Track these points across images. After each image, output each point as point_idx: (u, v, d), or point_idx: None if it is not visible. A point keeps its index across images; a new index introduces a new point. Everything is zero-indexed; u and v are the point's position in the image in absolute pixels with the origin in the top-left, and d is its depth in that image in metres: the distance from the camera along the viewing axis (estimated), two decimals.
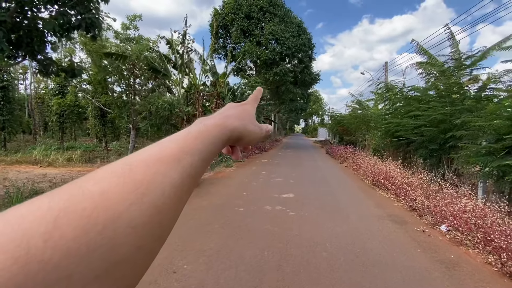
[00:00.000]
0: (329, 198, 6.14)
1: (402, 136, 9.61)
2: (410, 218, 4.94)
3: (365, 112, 17.05)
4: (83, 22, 5.62)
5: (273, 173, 9.18)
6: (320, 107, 68.66)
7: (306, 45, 21.06)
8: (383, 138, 13.05)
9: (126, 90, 9.48)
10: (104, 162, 10.37)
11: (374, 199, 6.16)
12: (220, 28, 22.20)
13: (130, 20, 10.58)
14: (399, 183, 6.25)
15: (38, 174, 8.36)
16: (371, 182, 7.75)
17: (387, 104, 13.31)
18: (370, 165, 8.72)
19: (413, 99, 9.82)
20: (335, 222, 4.53)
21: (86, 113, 15.03)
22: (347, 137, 20.36)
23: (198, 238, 3.74)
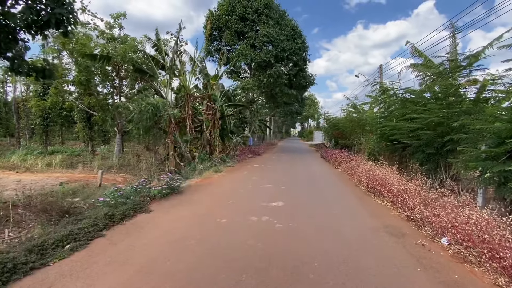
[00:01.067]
0: (321, 207, 5.71)
1: (398, 139, 9.25)
2: (408, 229, 4.53)
3: (360, 115, 16.78)
4: (52, 17, 5.17)
5: (264, 179, 8.74)
6: (315, 111, 68.57)
7: (300, 48, 20.81)
8: (379, 141, 12.72)
9: (110, 91, 9.01)
10: (87, 167, 9.85)
11: (369, 208, 5.75)
12: (214, 31, 21.87)
13: (115, 18, 10.16)
14: (395, 190, 5.85)
15: (12, 180, 7.81)
16: (366, 188, 7.35)
17: (382, 107, 13.01)
18: (365, 170, 8.34)
19: (409, 102, 9.49)
20: (326, 236, 4.10)
21: (72, 116, 14.49)
22: (342, 140, 20.05)
23: (169, 256, 3.28)
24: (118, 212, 4.58)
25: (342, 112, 24.66)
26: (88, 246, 3.58)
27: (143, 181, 6.68)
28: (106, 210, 4.59)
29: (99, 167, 10.06)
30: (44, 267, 3.03)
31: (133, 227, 4.29)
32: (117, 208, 4.89)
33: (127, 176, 9.51)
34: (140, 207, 5.07)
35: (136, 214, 4.87)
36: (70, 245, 3.51)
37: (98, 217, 4.31)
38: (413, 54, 11.88)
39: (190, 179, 8.69)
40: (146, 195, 5.72)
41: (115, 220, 4.39)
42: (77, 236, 3.68)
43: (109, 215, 4.40)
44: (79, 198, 6.73)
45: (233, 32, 20.52)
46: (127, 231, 4.09)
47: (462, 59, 7.94)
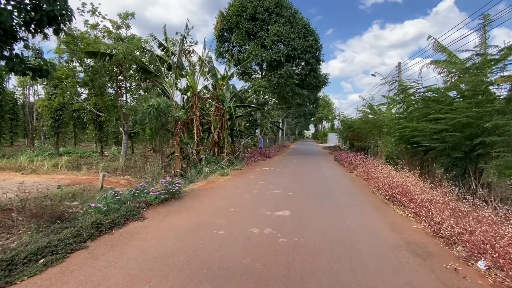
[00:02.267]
0: (332, 217, 5.11)
1: (419, 142, 8.46)
2: (436, 248, 3.86)
3: (377, 116, 15.89)
4: (44, 15, 4.92)
5: (272, 184, 8.20)
6: (330, 112, 67.07)
7: (313, 46, 20.12)
8: (397, 144, 11.86)
9: (115, 92, 8.81)
10: (91, 169, 9.69)
11: (388, 219, 5.09)
12: (225, 32, 21.64)
13: (122, 18, 9.99)
14: (418, 199, 5.15)
15: (15, 182, 7.71)
16: (384, 196, 6.65)
17: (401, 107, 12.14)
18: (383, 175, 7.62)
19: (431, 101, 8.66)
20: (337, 254, 3.52)
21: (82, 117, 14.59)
22: (358, 143, 19.18)
23: (152, 277, 2.83)
24: (107, 220, 4.20)
25: (357, 113, 23.73)
26: (65, 260, 3.19)
27: (142, 185, 6.34)
28: (94, 218, 4.22)
29: (105, 169, 9.89)
30: (9, 286, 2.65)
31: (121, 238, 3.88)
32: (108, 215, 4.53)
33: (132, 178, 9.26)
34: (133, 215, 4.68)
35: (128, 222, 4.48)
36: (44, 259, 3.14)
37: (84, 226, 3.94)
38: (436, 49, 11.01)
39: (194, 182, 8.29)
40: (142, 201, 5.34)
41: (103, 229, 4.01)
42: (55, 249, 3.31)
43: (96, 224, 4.02)
44: (77, 201, 6.48)
45: (243, 32, 20.17)
46: (113, 243, 3.69)
47: (495, 52, 7.06)
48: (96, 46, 8.28)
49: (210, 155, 10.89)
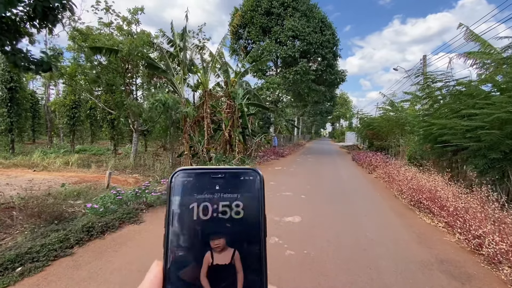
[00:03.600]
0: (349, 226, 4.52)
1: (449, 141, 7.61)
2: (475, 268, 3.20)
3: (399, 114, 14.88)
4: (38, 6, 4.69)
5: (284, 185, 7.67)
6: (348, 110, 65.05)
7: (330, 41, 19.25)
8: (421, 143, 10.93)
9: (122, 88, 8.65)
10: (102, 167, 9.62)
11: (414, 229, 4.43)
12: (239, 28, 21.24)
13: (132, 13, 9.80)
14: (451, 207, 4.45)
15: (25, 179, 7.71)
16: (408, 201, 5.94)
17: (426, 103, 11.18)
18: (407, 177, 6.87)
19: (464, 95, 7.76)
20: (355, 273, 2.96)
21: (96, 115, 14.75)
22: (377, 142, 18.15)
23: None
24: (100, 224, 3.89)
25: (377, 111, 22.56)
26: (45, 269, 2.87)
27: (145, 185, 6.05)
28: (87, 220, 3.92)
29: (114, 167, 9.79)
30: None
31: (112, 243, 3.55)
32: (104, 217, 4.23)
33: (140, 177, 9.07)
34: (129, 217, 4.36)
35: (123, 226, 4.15)
36: (22, 267, 2.84)
37: (73, 229, 3.64)
38: (468, 39, 9.98)
39: None
40: (142, 202, 5.02)
41: (94, 233, 3.70)
42: (36, 255, 3.01)
43: (87, 227, 3.72)
44: (81, 200, 6.31)
45: (258, 28, 19.67)
46: (102, 250, 3.35)
47: None
48: (102, 42, 8.12)
49: (220, 154, 10.53)
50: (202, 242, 0.30)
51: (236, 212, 0.31)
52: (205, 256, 0.30)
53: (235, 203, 0.31)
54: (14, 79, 10.90)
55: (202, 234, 0.30)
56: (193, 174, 0.32)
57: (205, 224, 0.30)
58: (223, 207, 0.31)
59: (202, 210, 0.31)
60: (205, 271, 0.30)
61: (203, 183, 0.32)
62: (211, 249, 0.30)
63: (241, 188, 0.32)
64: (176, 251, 0.30)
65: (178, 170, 0.33)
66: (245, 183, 0.33)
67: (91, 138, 18.38)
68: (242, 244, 0.31)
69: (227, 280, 0.29)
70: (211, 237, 0.30)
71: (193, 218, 0.31)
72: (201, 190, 0.32)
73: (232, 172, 0.33)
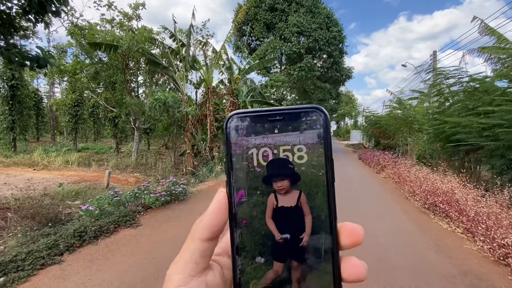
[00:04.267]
0: None
1: (462, 140, 7.23)
2: (504, 281, 2.87)
3: (407, 111, 14.44)
4: None
5: None
6: (353, 108, 64.24)
7: (336, 37, 18.80)
8: (431, 142, 10.54)
9: (122, 85, 8.43)
10: (103, 166, 9.44)
11: (430, 235, 4.10)
12: (243, 25, 20.90)
13: (133, 9, 9.55)
14: (471, 211, 4.11)
15: (24, 178, 7.56)
16: (422, 204, 5.59)
17: (437, 100, 10.76)
18: (419, 178, 6.52)
19: (479, 91, 7.36)
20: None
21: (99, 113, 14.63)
22: (384, 140, 17.72)
23: None
24: (94, 228, 3.65)
25: (384, 109, 22.07)
26: (29, 279, 2.64)
27: (145, 185, 5.82)
28: (78, 224, 3.69)
29: (116, 166, 9.62)
30: None
31: (105, 250, 3.31)
32: (99, 220, 4.00)
33: (141, 176, 8.87)
34: (126, 220, 4.11)
35: (119, 229, 3.92)
36: (5, 277, 2.61)
37: (64, 234, 3.41)
38: (482, 33, 9.54)
39: (204, 182, 7.70)
40: (140, 204, 4.78)
41: (86, 238, 3.46)
42: (21, 264, 2.77)
43: (79, 232, 3.48)
44: (79, 201, 6.11)
45: (262, 24, 19.31)
46: (93, 257, 3.11)
47: None
48: (102, 37, 7.89)
49: (223, 153, 10.27)
50: (265, 185, 0.28)
51: (299, 157, 0.29)
52: (268, 198, 0.28)
53: (297, 147, 0.29)
54: (15, 76, 10.77)
55: (264, 178, 0.28)
56: (249, 118, 0.29)
57: (266, 169, 0.28)
58: (285, 151, 0.29)
59: (262, 155, 0.29)
60: (270, 213, 0.28)
61: (261, 127, 0.29)
62: (275, 191, 0.28)
63: (303, 130, 0.29)
64: (239, 194, 0.29)
65: (233, 115, 0.29)
66: (307, 124, 0.29)
67: (94, 136, 18.29)
68: (308, 187, 0.29)
69: (294, 222, 0.28)
70: (274, 179, 0.28)
71: (254, 163, 0.28)
72: (259, 133, 0.29)
73: (292, 113, 0.30)
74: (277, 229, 0.28)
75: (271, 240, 0.28)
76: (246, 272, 0.28)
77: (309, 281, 0.28)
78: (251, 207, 0.28)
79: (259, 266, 0.28)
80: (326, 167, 0.29)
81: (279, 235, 0.28)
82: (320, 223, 0.28)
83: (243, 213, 0.28)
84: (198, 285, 0.27)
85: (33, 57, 5.69)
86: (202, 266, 0.28)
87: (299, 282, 0.28)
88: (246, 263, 0.28)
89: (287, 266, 0.28)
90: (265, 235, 0.28)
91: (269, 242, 0.28)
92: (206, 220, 0.28)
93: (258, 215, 0.28)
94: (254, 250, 0.28)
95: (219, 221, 0.28)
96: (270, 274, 0.28)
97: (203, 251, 0.28)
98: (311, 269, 0.28)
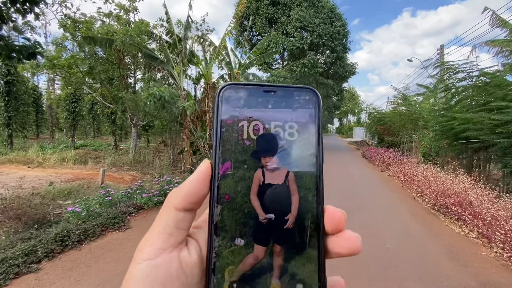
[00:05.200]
0: (365, 235, 3.91)
1: (473, 137, 6.87)
2: None
3: (412, 108, 14.06)
4: None
5: None
6: (356, 105, 63.57)
7: (340, 32, 18.34)
8: (438, 139, 10.16)
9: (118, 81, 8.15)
10: (99, 163, 9.20)
11: (442, 240, 3.80)
12: (244, 19, 20.48)
13: (130, 1, 9.24)
14: (487, 215, 3.78)
15: (17, 176, 7.34)
16: (431, 205, 5.28)
17: (444, 96, 10.37)
18: (427, 178, 6.19)
19: (491, 86, 6.98)
20: None
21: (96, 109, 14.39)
22: (388, 137, 17.36)
23: None
24: (78, 231, 3.39)
25: (388, 105, 21.65)
26: None
27: (138, 184, 5.56)
28: (61, 227, 3.42)
29: (112, 164, 9.38)
30: None
31: (88, 256, 3.05)
32: (86, 222, 3.74)
33: (138, 174, 8.62)
34: (114, 222, 3.85)
35: (106, 233, 3.66)
36: None
37: (44, 238, 3.15)
38: (494, 25, 9.13)
39: None
40: (131, 204, 4.52)
41: (69, 243, 3.20)
42: None
43: (61, 236, 3.22)
44: (71, 200, 5.87)
45: (263, 19, 18.88)
46: (74, 264, 2.85)
47: None
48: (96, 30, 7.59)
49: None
50: (253, 159, 0.27)
51: (290, 134, 0.28)
52: (255, 173, 0.27)
53: (289, 123, 0.28)
54: (11, 72, 10.54)
55: (253, 152, 0.27)
56: (243, 89, 0.29)
57: (255, 142, 0.27)
58: (276, 127, 0.28)
59: (253, 129, 0.28)
60: (256, 189, 0.27)
61: (254, 100, 0.28)
62: (263, 167, 0.27)
63: (296, 108, 0.29)
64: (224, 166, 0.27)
65: (227, 85, 0.29)
66: (300, 103, 0.29)
67: (94, 133, 18.10)
68: (297, 165, 0.28)
69: (280, 201, 0.27)
70: (262, 154, 0.27)
71: (243, 136, 0.27)
72: (252, 107, 0.28)
73: (286, 90, 0.29)
74: (261, 208, 0.26)
75: (253, 220, 0.26)
76: (223, 255, 0.25)
77: (291, 269, 0.25)
78: (236, 181, 0.26)
79: (238, 250, 0.25)
80: (316, 146, 0.28)
81: (263, 214, 0.26)
82: (307, 204, 0.27)
83: (227, 187, 0.26)
84: (170, 261, 0.23)
85: (18, 49, 5.40)
86: (176, 239, 0.24)
87: (280, 270, 0.25)
88: (223, 245, 0.25)
89: (269, 250, 0.26)
90: (248, 214, 0.26)
91: (251, 222, 0.26)
92: (185, 188, 0.25)
93: (243, 190, 0.26)
94: (235, 230, 0.26)
95: (199, 191, 0.25)
96: (250, 259, 0.25)
97: (178, 222, 0.24)
98: (295, 256, 0.26)
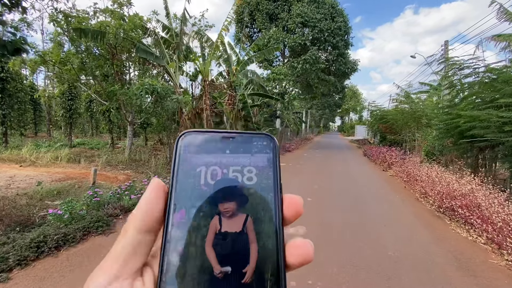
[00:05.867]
0: (366, 241, 3.65)
1: (480, 135, 6.58)
2: None
3: (415, 105, 13.75)
4: None
5: (288, 184, 6.83)
6: (358, 103, 63.05)
7: (341, 28, 17.98)
8: (442, 138, 9.86)
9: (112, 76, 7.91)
10: (94, 162, 8.99)
11: (448, 245, 3.53)
12: (245, 16, 20.16)
13: None
14: (498, 219, 3.51)
15: (6, 175, 7.13)
16: (435, 207, 5.01)
17: (449, 93, 10.06)
18: (432, 178, 5.91)
19: (499, 82, 6.67)
20: None
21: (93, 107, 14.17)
22: (390, 136, 17.04)
23: None
24: (57, 236, 3.16)
25: (390, 103, 21.31)
26: None
27: (128, 184, 5.34)
28: (37, 232, 3.19)
29: (107, 162, 9.16)
30: None
31: (65, 263, 2.81)
32: (68, 225, 3.51)
33: (132, 173, 8.40)
34: (98, 226, 3.61)
35: (88, 237, 3.42)
36: None
37: (18, 245, 2.92)
38: (501, 18, 8.83)
39: None
40: (118, 206, 4.28)
41: (45, 249, 2.97)
42: None
43: (36, 242, 2.99)
44: (60, 201, 5.65)
45: (264, 14, 18.56)
46: (47, 273, 2.62)
47: None
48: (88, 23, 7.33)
49: None
50: (210, 206, 0.26)
51: (248, 178, 0.27)
52: (211, 221, 0.25)
53: (247, 168, 0.28)
54: (5, 69, 10.31)
55: (210, 198, 0.26)
56: (202, 136, 0.29)
57: (213, 188, 0.27)
58: (234, 172, 0.28)
59: (211, 174, 0.27)
60: (211, 238, 0.25)
61: (212, 146, 0.29)
62: (220, 213, 0.26)
63: (253, 153, 0.29)
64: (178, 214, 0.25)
65: (185, 132, 0.29)
66: (258, 148, 0.29)
67: (92, 131, 17.90)
68: (255, 211, 0.26)
69: (237, 250, 0.25)
70: (219, 200, 0.26)
71: (200, 182, 0.27)
72: (210, 153, 0.28)
73: (244, 136, 0.30)
74: (217, 260, 0.24)
75: (208, 274, 0.24)
76: None
77: None
78: (190, 231, 0.25)
79: None
80: (275, 191, 0.27)
81: (219, 267, 0.24)
82: (266, 254, 0.25)
83: (180, 238, 0.24)
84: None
85: (3, 44, 5.16)
86: (131, 266, 0.23)
87: None
88: None
89: None
90: (202, 267, 0.24)
91: (205, 276, 0.24)
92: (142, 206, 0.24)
93: (197, 241, 0.24)
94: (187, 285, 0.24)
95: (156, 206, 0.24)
96: None
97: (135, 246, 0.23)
98: None
